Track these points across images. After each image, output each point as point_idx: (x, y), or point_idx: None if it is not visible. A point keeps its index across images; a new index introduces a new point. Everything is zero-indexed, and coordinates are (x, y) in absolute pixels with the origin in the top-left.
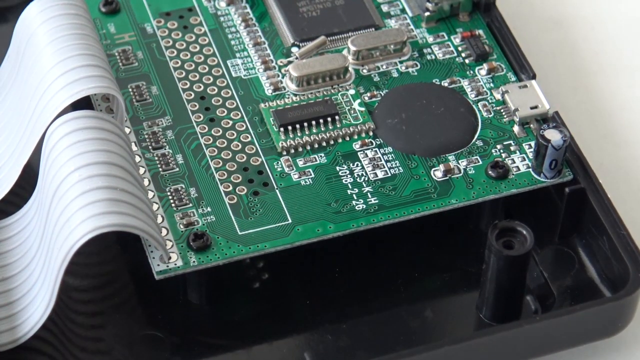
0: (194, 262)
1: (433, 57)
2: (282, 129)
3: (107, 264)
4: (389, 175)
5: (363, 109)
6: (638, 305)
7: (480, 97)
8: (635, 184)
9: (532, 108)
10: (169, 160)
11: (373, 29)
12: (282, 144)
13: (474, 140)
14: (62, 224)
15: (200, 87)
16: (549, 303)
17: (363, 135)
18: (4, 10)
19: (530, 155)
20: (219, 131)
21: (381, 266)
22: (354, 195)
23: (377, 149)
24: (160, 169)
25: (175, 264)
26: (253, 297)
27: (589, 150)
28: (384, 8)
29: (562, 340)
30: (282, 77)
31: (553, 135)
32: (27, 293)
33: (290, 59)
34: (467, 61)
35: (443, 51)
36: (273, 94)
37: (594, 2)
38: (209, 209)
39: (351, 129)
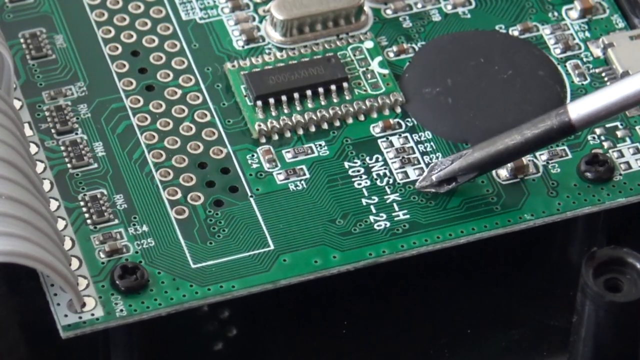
0: (121, 311)
1: None
2: (259, 103)
3: None
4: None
5: (386, 71)
6: None
7: (569, 52)
8: None
9: None
10: (83, 152)
11: None
12: (259, 126)
13: None
14: None
15: (132, 36)
16: None
17: (386, 112)
18: None
19: None
20: (161, 106)
21: (413, 317)
22: (372, 208)
23: (408, 134)
24: (69, 165)
25: (93, 315)
26: None
27: None
28: None
29: None
30: (260, 22)
31: None
32: None
33: None
34: None
35: None
36: (245, 47)
37: None
38: (145, 227)
39: (368, 104)
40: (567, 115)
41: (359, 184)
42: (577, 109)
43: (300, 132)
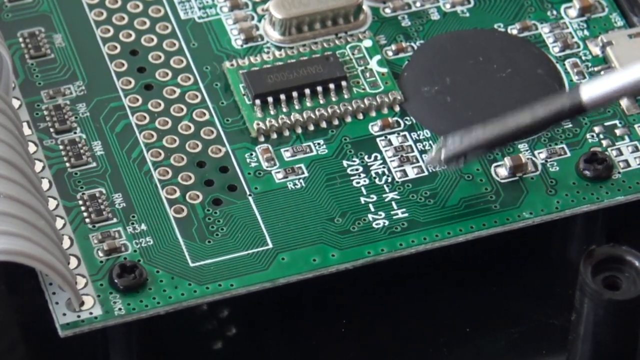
0: (120, 310)
1: None
2: (258, 102)
3: None
4: (426, 173)
5: (385, 70)
6: None
7: (568, 51)
8: None
9: None
10: (82, 151)
11: None
12: (257, 125)
13: None
14: None
15: (131, 35)
16: None
17: (385, 111)
18: None
19: None
20: (159, 105)
21: (412, 316)
22: (371, 206)
23: (406, 132)
24: (68, 164)
25: (91, 314)
26: None
27: None
28: None
29: None
30: (259, 21)
31: None
32: None
33: None
34: None
35: None
36: (244, 46)
37: None
38: (143, 226)
39: (366, 102)
40: (579, 96)
41: (358, 183)
42: (590, 90)
43: (299, 130)
